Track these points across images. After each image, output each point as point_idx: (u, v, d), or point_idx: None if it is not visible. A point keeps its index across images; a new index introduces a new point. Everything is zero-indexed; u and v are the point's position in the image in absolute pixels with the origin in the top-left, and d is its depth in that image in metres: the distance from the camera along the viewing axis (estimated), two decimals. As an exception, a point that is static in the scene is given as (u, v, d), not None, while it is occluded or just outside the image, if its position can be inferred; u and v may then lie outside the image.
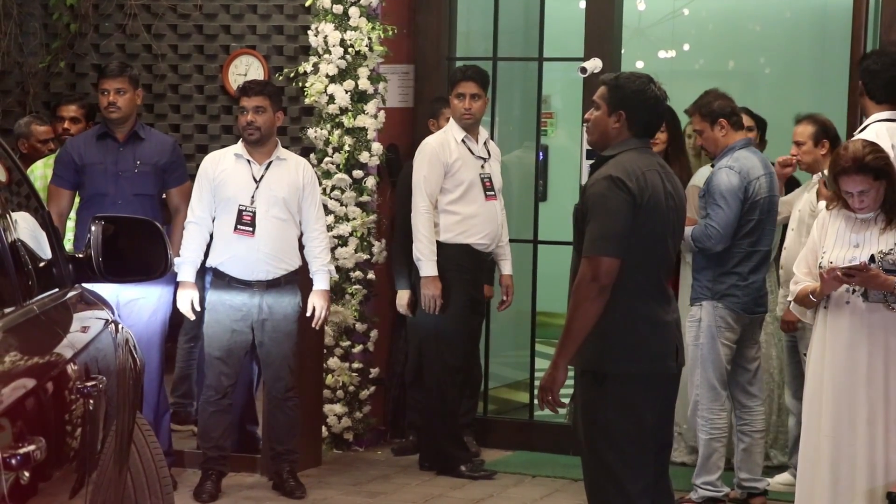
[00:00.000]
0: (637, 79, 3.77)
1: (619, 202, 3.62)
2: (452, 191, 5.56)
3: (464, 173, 5.56)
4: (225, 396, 5.22)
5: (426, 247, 5.49)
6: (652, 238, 3.70)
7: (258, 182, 5.17)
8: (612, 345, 3.69)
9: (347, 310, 5.98)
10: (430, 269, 5.50)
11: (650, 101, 3.75)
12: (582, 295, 3.62)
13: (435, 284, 5.51)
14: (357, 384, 6.03)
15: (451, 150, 5.57)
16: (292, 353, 5.26)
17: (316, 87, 5.90)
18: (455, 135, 5.61)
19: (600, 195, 3.64)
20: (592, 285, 3.60)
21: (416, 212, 5.53)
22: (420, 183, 5.52)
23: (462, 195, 5.56)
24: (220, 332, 5.19)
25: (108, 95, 5.28)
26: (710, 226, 4.99)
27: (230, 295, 5.18)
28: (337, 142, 5.92)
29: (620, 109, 3.73)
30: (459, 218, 5.55)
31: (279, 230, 5.18)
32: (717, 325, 5.02)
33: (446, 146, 5.56)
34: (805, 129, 5.26)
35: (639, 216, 3.65)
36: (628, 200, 3.62)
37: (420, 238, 5.50)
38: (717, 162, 5.11)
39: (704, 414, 5.06)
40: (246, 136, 5.18)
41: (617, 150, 3.75)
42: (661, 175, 3.76)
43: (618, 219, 3.61)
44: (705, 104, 5.11)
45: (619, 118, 3.73)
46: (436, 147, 5.55)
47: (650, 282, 3.74)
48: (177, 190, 5.44)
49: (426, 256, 5.50)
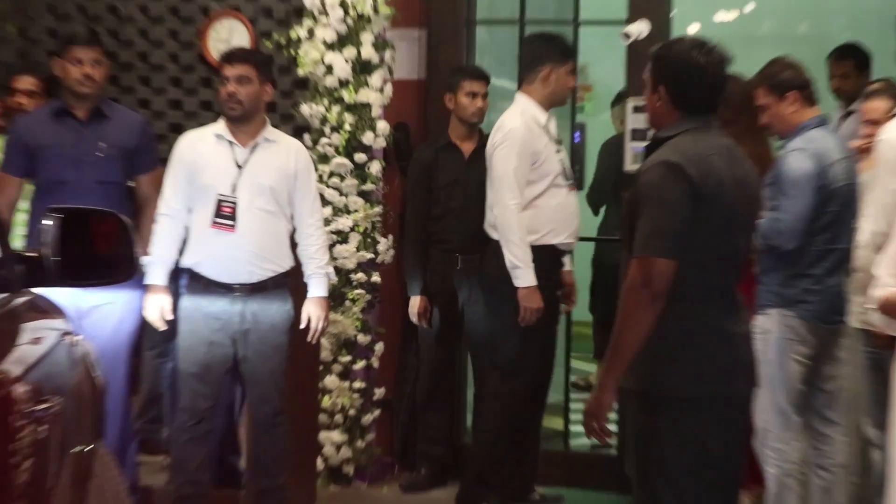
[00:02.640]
0: (677, 44, 3.77)
1: (676, 192, 3.61)
2: (537, 183, 5.56)
3: (550, 163, 5.59)
4: (202, 422, 5.22)
5: (524, 251, 5.46)
6: (717, 234, 3.69)
7: (241, 167, 5.18)
8: (669, 361, 3.68)
9: (348, 319, 6.01)
10: (531, 277, 5.47)
11: (694, 71, 3.73)
12: (632, 303, 3.62)
13: (537, 296, 5.47)
14: (359, 407, 6.07)
15: (538, 136, 5.57)
16: (282, 371, 5.27)
17: (311, 56, 5.94)
18: (537, 116, 5.60)
19: (654, 184, 3.64)
20: (644, 291, 3.60)
21: (508, 210, 5.47)
22: (510, 176, 5.48)
23: (547, 188, 5.58)
24: (195, 345, 5.20)
25: (82, 66, 5.28)
26: (779, 219, 4.96)
27: (208, 301, 5.18)
28: (336, 120, 5.95)
29: (660, 84, 3.76)
30: (545, 215, 5.57)
31: (266, 225, 5.18)
32: (788, 338, 5.01)
33: (533, 132, 5.55)
34: (881, 104, 5.24)
35: (700, 208, 3.63)
36: (687, 190, 3.61)
37: (516, 241, 5.46)
38: (786, 143, 5.08)
39: (774, 444, 5.05)
40: (226, 111, 5.19)
41: (673, 132, 3.75)
42: (728, 159, 3.75)
43: (674, 212, 3.61)
44: (772, 74, 5.09)
45: (660, 95, 3.76)
46: (525, 133, 5.52)
47: (715, 286, 3.72)
48: (147, 177, 5.43)
49: (526, 262, 5.45)
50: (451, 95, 6.01)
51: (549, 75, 5.58)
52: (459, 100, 6.00)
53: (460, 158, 6.06)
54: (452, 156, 6.07)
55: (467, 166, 6.03)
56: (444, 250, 6.02)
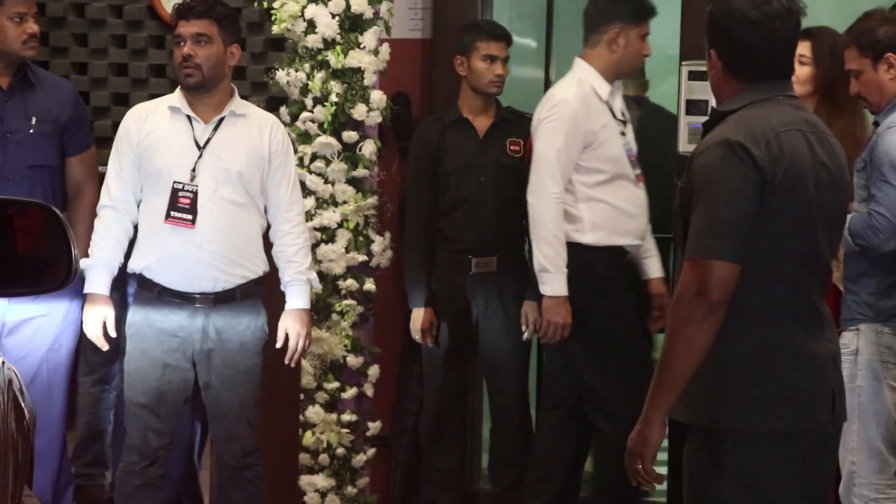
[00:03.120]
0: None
1: (738, 179, 3.62)
2: (598, 171, 5.62)
3: (612, 146, 5.64)
4: (154, 463, 5.24)
5: (559, 253, 5.54)
6: (793, 231, 3.69)
7: (202, 148, 5.20)
8: (734, 389, 3.69)
9: (335, 336, 6.01)
10: (561, 285, 5.54)
11: (747, 29, 3.74)
12: (684, 316, 3.63)
13: (566, 308, 5.54)
14: (349, 446, 6.06)
15: (597, 112, 5.62)
16: (253, 401, 5.29)
17: (289, 9, 5.93)
18: (599, 87, 5.64)
19: (712, 168, 3.66)
20: (698, 302, 3.60)
21: (546, 200, 5.55)
22: (553, 158, 5.55)
23: (611, 177, 5.64)
24: (146, 369, 5.21)
25: (23, 23, 5.31)
26: (876, 213, 4.96)
27: (161, 314, 5.20)
28: (320, 90, 5.95)
29: (711, 47, 3.79)
30: (611, 210, 5.64)
31: (233, 220, 5.21)
32: (884, 360, 5.01)
33: (589, 106, 5.60)
34: None
35: (771, 199, 3.64)
36: (753, 176, 3.62)
37: (549, 239, 5.53)
38: (883, 118, 5.07)
39: (864, 492, 5.05)
40: (182, 78, 5.20)
41: (737, 104, 3.77)
42: (807, 137, 3.75)
43: (737, 204, 3.62)
44: (865, 32, 5.09)
45: (713, 61, 3.80)
46: (578, 109, 5.58)
47: (791, 295, 3.73)
48: (78, 159, 5.47)
49: (558, 267, 5.54)
50: (462, 59, 6.00)
51: (616, 38, 5.64)
52: (474, 65, 5.99)
53: (473, 137, 6.06)
54: (464, 134, 6.06)
55: (482, 147, 6.04)
56: (454, 251, 6.03)
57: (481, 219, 5.95)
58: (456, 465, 6.22)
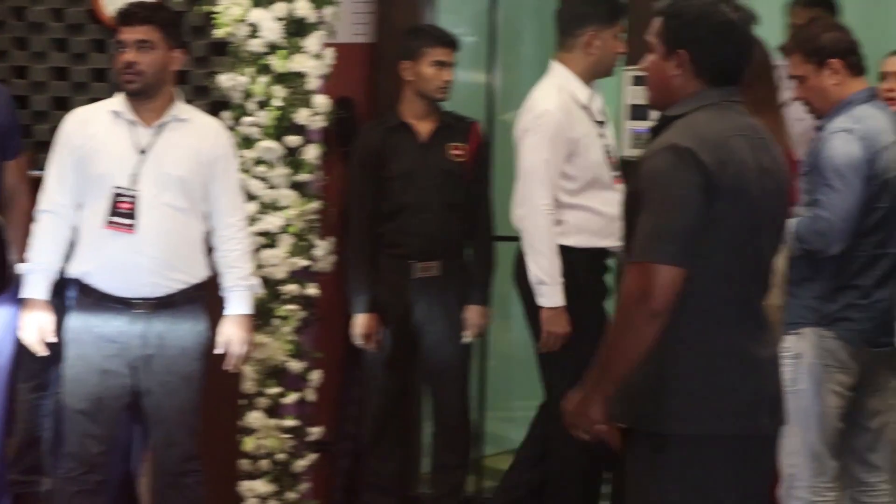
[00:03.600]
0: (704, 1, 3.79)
1: (685, 184, 3.61)
2: (578, 177, 5.64)
3: (592, 151, 5.67)
4: (92, 470, 5.22)
5: (551, 264, 5.56)
6: (738, 236, 3.69)
7: (144, 153, 5.19)
8: (678, 393, 3.69)
9: (277, 342, 6.01)
10: (559, 296, 5.56)
11: (723, 30, 3.75)
12: (626, 320, 3.64)
13: (564, 318, 5.56)
14: (290, 451, 6.06)
15: (577, 120, 5.65)
16: (193, 407, 5.28)
17: (231, 14, 5.93)
18: (578, 93, 5.67)
19: (659, 173, 3.65)
20: (641, 307, 3.61)
21: (537, 212, 5.58)
22: (541, 170, 5.57)
23: (591, 182, 5.66)
24: (85, 375, 5.18)
25: None
26: (821, 217, 4.98)
27: (101, 319, 5.17)
28: (263, 94, 5.95)
29: (680, 48, 3.76)
30: (592, 214, 5.67)
31: (174, 225, 5.19)
32: (826, 364, 5.04)
33: (571, 114, 5.63)
34: None
35: (718, 204, 3.63)
36: (700, 182, 3.62)
37: (543, 251, 5.56)
38: (826, 123, 5.11)
39: (804, 495, 5.08)
40: (124, 85, 5.20)
41: (687, 108, 3.76)
42: (753, 143, 3.76)
43: (684, 208, 3.61)
44: (809, 38, 5.12)
45: (680, 61, 3.76)
46: (561, 119, 5.60)
47: (735, 301, 3.72)
48: (14, 164, 5.44)
49: (552, 278, 5.56)
50: (409, 64, 6.02)
51: (592, 40, 5.63)
52: (422, 70, 6.01)
53: (416, 142, 6.07)
54: (407, 139, 6.07)
55: (424, 152, 6.06)
56: (397, 256, 6.04)
57: (424, 223, 5.96)
58: (397, 470, 6.24)
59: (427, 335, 6.03)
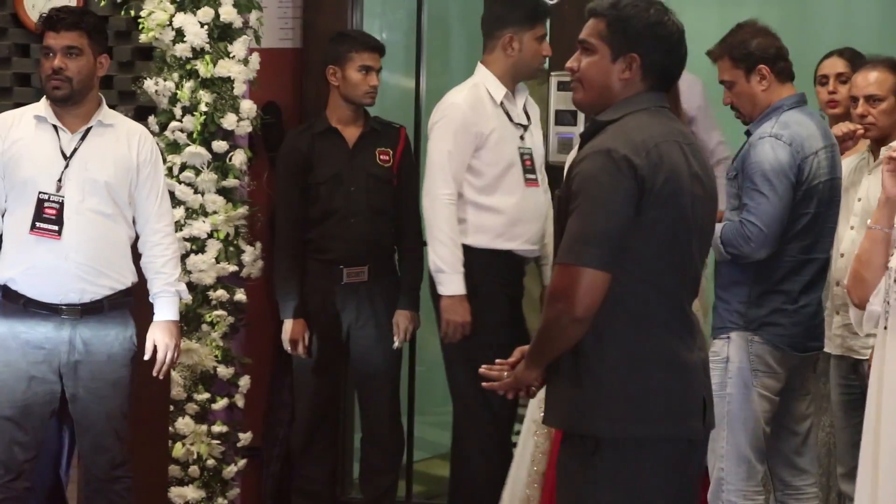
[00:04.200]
0: (649, 6, 3.81)
1: (616, 189, 3.63)
2: (484, 174, 5.69)
3: (502, 149, 5.71)
4: (20, 477, 5.19)
5: (452, 253, 5.64)
6: (668, 241, 3.71)
7: (69, 158, 5.17)
8: (608, 396, 3.70)
9: (205, 347, 5.98)
10: (457, 285, 5.64)
11: (672, 39, 3.80)
12: (552, 320, 3.69)
13: (463, 307, 5.62)
14: (220, 457, 6.04)
15: (488, 116, 5.69)
16: (122, 413, 5.26)
17: (157, 18, 5.90)
18: (494, 92, 5.71)
19: (591, 177, 3.66)
20: (566, 308, 3.64)
21: (438, 201, 5.66)
22: (444, 161, 5.65)
23: (497, 181, 5.70)
24: (11, 382, 5.16)
25: None
26: (748, 222, 4.99)
27: (27, 325, 5.16)
28: (189, 99, 5.93)
29: (633, 52, 3.77)
30: (495, 214, 5.71)
31: (101, 230, 5.18)
32: (753, 368, 5.03)
33: (480, 109, 5.68)
34: (883, 77, 5.31)
35: (650, 210, 3.65)
36: (631, 187, 3.63)
37: (443, 240, 5.64)
38: (755, 128, 5.12)
39: (732, 498, 5.08)
40: (50, 92, 5.17)
41: (622, 112, 3.76)
42: (682, 149, 3.76)
43: (612, 214, 3.63)
44: (738, 44, 5.11)
45: (631, 64, 3.77)
46: (467, 111, 5.66)
47: (665, 305, 3.74)
48: None
49: (453, 267, 5.64)
50: (335, 69, 6.03)
51: (510, 42, 5.69)
52: (348, 75, 6.02)
53: (343, 147, 6.08)
54: (334, 144, 6.07)
55: (352, 157, 6.05)
56: (325, 261, 6.03)
57: (352, 228, 5.96)
58: (327, 475, 6.25)
59: (356, 340, 6.02)
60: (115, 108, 5.55)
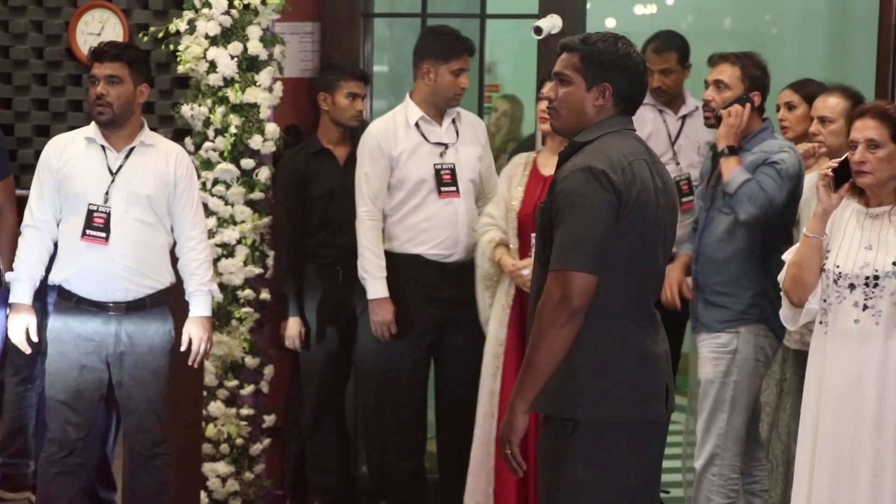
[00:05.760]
0: (616, 41, 3.83)
1: (598, 201, 3.67)
2: (399, 190, 5.69)
3: (411, 167, 5.68)
4: (72, 453, 5.20)
5: (370, 261, 5.65)
6: (639, 247, 3.76)
7: (115, 174, 5.17)
8: (585, 384, 3.75)
9: (234, 340, 6.00)
10: (378, 288, 5.65)
11: (638, 69, 3.83)
12: (547, 321, 3.67)
13: (386, 308, 5.65)
14: (247, 436, 6.06)
15: (398, 139, 5.68)
16: (161, 397, 5.26)
17: (192, 52, 5.91)
18: (409, 116, 5.71)
19: (575, 192, 3.69)
20: (561, 308, 3.65)
21: (357, 219, 5.68)
22: (361, 183, 5.67)
23: (408, 195, 5.70)
24: (65, 370, 5.17)
25: None
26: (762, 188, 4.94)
27: (79, 321, 5.17)
28: (220, 122, 5.94)
29: (605, 81, 3.80)
30: (407, 223, 5.71)
31: (142, 237, 5.18)
32: (757, 359, 5.06)
33: (391, 134, 5.68)
34: (836, 102, 5.23)
35: (623, 219, 3.70)
36: (610, 200, 3.67)
37: (362, 251, 5.66)
38: None
39: (724, 472, 5.11)
40: (95, 116, 5.17)
41: (596, 134, 3.80)
42: (649, 166, 3.82)
43: (596, 223, 3.67)
44: None
45: (604, 93, 3.80)
46: (377, 137, 5.67)
47: (636, 303, 3.79)
48: (1, 185, 5.46)
49: (371, 273, 5.65)
50: (326, 95, 6.02)
51: (427, 73, 5.68)
52: (337, 101, 6.01)
53: (335, 165, 6.07)
54: (326, 163, 6.06)
55: (343, 173, 6.01)
56: (323, 265, 6.02)
57: (346, 236, 5.88)
58: (335, 452, 6.17)
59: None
60: (156, 130, 5.57)
